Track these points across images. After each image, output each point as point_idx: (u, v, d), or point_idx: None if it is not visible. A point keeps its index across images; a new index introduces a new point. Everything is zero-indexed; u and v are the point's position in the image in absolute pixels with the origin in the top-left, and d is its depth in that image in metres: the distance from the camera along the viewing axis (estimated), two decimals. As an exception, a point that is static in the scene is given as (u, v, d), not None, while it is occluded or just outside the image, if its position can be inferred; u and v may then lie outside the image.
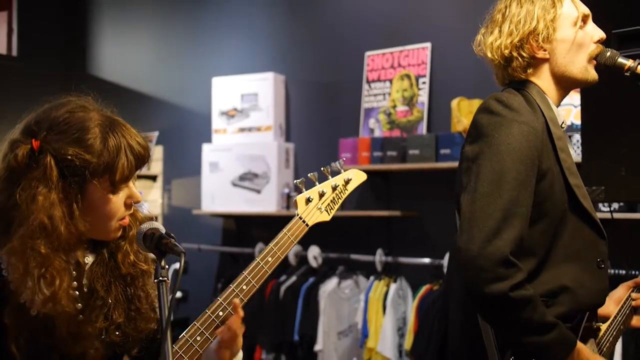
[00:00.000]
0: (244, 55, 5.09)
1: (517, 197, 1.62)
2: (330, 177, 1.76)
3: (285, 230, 1.65)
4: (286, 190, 4.65)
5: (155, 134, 5.37)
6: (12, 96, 5.54)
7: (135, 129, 1.52)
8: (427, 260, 4.00)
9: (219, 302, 1.54)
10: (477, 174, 1.66)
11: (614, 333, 1.90)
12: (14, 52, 5.80)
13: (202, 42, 5.34)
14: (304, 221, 1.69)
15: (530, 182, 1.66)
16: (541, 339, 1.60)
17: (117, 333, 1.50)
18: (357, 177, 1.80)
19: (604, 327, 1.87)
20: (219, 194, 4.86)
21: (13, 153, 1.41)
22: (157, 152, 5.47)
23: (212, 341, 1.52)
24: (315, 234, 1.77)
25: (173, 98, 5.50)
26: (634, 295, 2.00)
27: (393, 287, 4.02)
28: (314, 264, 4.35)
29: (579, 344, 1.66)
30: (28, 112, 1.50)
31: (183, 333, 1.51)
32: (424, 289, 3.90)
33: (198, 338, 1.50)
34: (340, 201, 1.77)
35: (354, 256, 4.24)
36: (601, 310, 1.93)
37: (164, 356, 1.24)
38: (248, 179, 4.75)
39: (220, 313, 1.53)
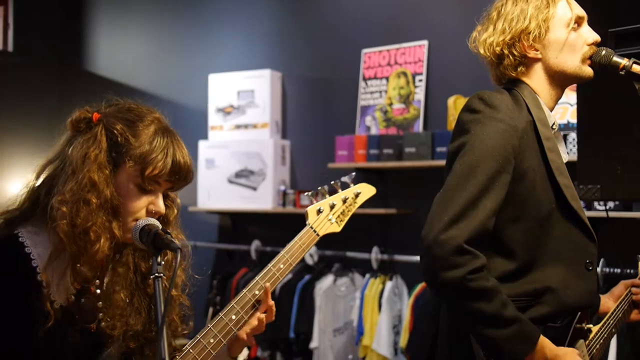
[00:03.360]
0: (241, 52, 5.09)
1: (483, 191, 1.63)
2: (340, 190, 1.82)
3: (296, 239, 1.70)
4: (282, 188, 4.65)
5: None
6: (7, 91, 5.53)
7: None
8: (422, 258, 4.00)
9: (232, 305, 1.58)
10: (452, 170, 1.68)
11: (605, 335, 1.90)
12: (10, 48, 5.77)
13: (198, 38, 5.33)
14: (314, 231, 1.74)
15: (501, 178, 1.66)
16: (496, 334, 1.59)
17: (133, 340, 1.54)
18: (366, 190, 1.87)
19: (595, 328, 1.87)
20: (215, 191, 4.85)
21: (71, 116, 1.51)
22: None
23: (224, 344, 1.55)
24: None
25: (169, 94, 5.49)
26: (634, 290, 2.01)
27: (389, 284, 4.02)
28: (309, 261, 4.35)
29: (544, 341, 1.64)
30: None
31: (197, 335, 1.53)
32: (419, 287, 3.91)
33: (211, 340, 1.52)
34: (350, 213, 1.83)
35: (349, 254, 4.25)
36: (601, 307, 1.94)
37: (159, 352, 1.24)
38: (244, 176, 4.75)
39: (233, 317, 1.56)
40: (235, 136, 4.86)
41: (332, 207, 1.78)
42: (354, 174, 1.87)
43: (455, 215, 1.60)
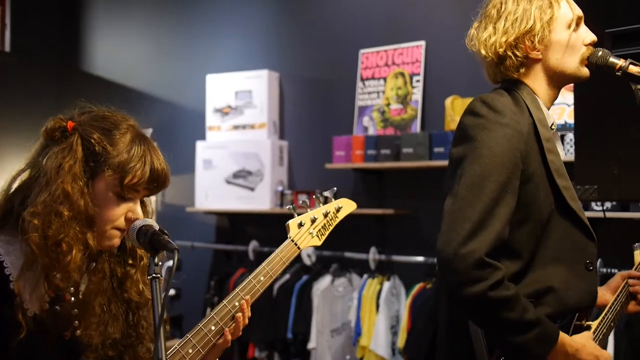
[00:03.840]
0: (239, 53, 5.09)
1: (497, 200, 1.62)
2: (321, 204, 1.85)
3: (277, 251, 1.71)
4: (280, 188, 4.65)
5: (149, 131, 5.35)
6: (5, 91, 5.52)
7: None
8: (420, 258, 4.01)
9: (211, 316, 1.58)
10: (460, 178, 1.66)
11: (605, 330, 1.90)
12: (7, 48, 5.76)
13: (196, 39, 5.33)
14: (295, 244, 1.75)
15: (511, 184, 1.65)
16: (521, 339, 1.60)
17: (111, 349, 1.53)
18: (347, 205, 1.90)
19: (594, 324, 1.87)
20: (213, 192, 4.85)
21: (45, 125, 1.50)
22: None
23: (203, 354, 1.55)
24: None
25: (167, 95, 5.49)
26: (631, 281, 2.01)
27: (386, 285, 4.02)
28: (307, 261, 4.35)
29: (563, 338, 1.66)
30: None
31: (175, 345, 1.53)
32: (417, 287, 3.91)
33: (190, 351, 1.53)
34: (331, 228, 1.86)
35: (347, 254, 4.25)
36: (599, 300, 1.93)
37: (156, 353, 1.24)
38: (242, 177, 4.75)
39: (213, 328, 1.57)
40: (233, 137, 4.86)
41: (313, 220, 1.80)
42: (335, 189, 1.90)
43: (473, 227, 1.58)
